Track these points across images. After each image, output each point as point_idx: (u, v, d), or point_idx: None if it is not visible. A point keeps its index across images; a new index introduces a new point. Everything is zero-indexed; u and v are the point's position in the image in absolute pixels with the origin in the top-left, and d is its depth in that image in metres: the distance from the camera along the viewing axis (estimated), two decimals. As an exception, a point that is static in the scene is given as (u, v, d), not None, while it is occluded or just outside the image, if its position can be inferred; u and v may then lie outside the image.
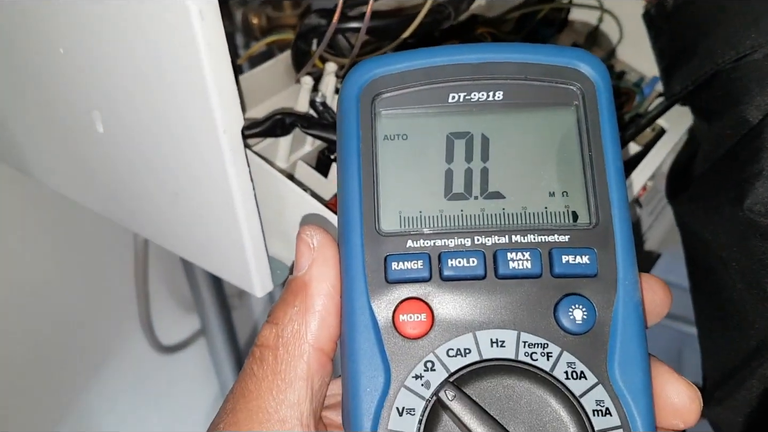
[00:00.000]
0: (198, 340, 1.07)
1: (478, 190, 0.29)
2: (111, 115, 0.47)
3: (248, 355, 0.28)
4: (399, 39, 0.50)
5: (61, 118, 0.52)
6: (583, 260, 0.27)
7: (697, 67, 0.44)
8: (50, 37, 0.46)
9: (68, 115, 0.50)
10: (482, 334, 0.27)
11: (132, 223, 0.54)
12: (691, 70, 0.45)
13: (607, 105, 0.29)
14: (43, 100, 0.52)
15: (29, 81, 0.52)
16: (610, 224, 0.28)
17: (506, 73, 0.30)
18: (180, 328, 1.05)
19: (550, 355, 0.26)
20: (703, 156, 0.46)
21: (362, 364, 0.26)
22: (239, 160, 0.41)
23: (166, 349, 1.00)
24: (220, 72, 0.38)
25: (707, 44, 0.44)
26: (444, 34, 0.55)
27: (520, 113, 0.30)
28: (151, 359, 0.98)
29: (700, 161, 0.47)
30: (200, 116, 0.39)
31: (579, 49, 0.30)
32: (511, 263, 0.27)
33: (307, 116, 0.49)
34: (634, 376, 0.26)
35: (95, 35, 0.42)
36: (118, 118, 0.46)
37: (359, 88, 0.30)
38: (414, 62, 0.30)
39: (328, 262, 0.28)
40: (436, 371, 0.26)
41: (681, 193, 0.48)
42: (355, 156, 0.29)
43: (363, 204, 0.28)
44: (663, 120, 0.51)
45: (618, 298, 0.27)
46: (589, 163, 0.29)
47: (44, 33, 0.46)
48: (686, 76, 0.45)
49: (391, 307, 0.27)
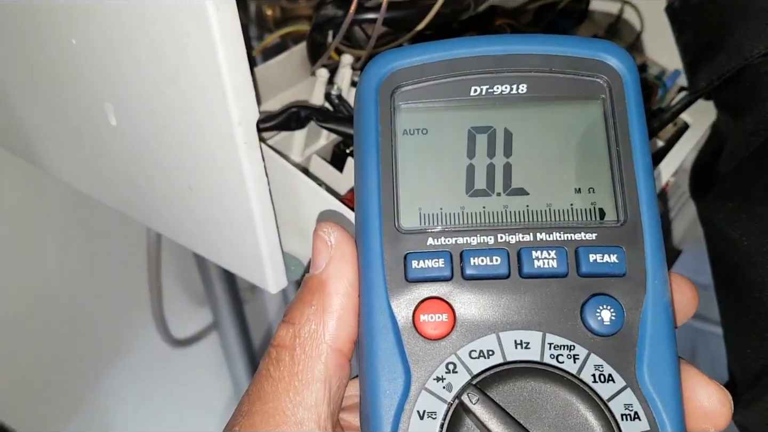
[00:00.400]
0: (210, 333, 1.07)
1: (500, 186, 0.28)
2: (124, 107, 0.46)
3: (264, 355, 0.27)
4: (415, 30, 0.49)
5: (74, 111, 0.51)
6: (610, 259, 0.26)
7: (724, 61, 0.43)
8: (62, 28, 0.45)
9: (81, 107, 0.50)
10: (506, 335, 0.26)
11: (145, 217, 0.54)
12: (717, 65, 0.44)
13: (635, 98, 0.28)
14: (55, 92, 0.51)
15: (41, 73, 0.51)
16: (639, 222, 0.27)
17: (530, 65, 0.29)
18: (192, 321, 1.05)
19: (576, 358, 0.26)
20: (729, 153, 0.45)
21: (381, 366, 0.26)
22: (254, 153, 0.40)
23: (178, 342, 1.00)
24: (236, 64, 0.37)
25: (735, 38, 0.43)
26: (462, 26, 0.53)
27: (545, 107, 0.29)
28: (163, 353, 0.98)
29: (725, 158, 0.46)
30: (215, 109, 0.38)
31: (605, 41, 0.29)
32: (536, 262, 0.26)
33: (323, 109, 0.48)
34: (663, 379, 0.25)
35: (108, 26, 0.42)
36: (131, 110, 0.46)
37: (378, 81, 0.29)
38: (434, 54, 0.29)
39: (346, 260, 0.27)
40: (458, 373, 0.26)
41: (705, 191, 0.47)
42: (374, 151, 0.28)
43: (382, 200, 0.27)
44: (686, 115, 0.50)
45: (647, 299, 0.26)
46: (616, 158, 0.28)
47: (56, 24, 0.46)
48: (712, 71, 0.44)
49: (411, 306, 0.26)
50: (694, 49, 0.47)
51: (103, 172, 0.54)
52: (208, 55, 0.36)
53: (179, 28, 0.37)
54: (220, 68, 0.36)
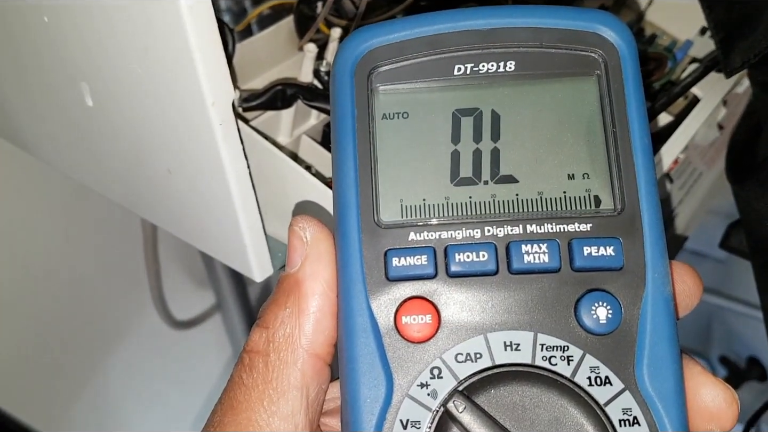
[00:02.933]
0: (213, 315, 1.06)
1: (488, 174, 0.26)
2: (99, 86, 0.44)
3: (237, 361, 0.26)
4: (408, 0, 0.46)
5: (51, 90, 0.49)
6: (607, 251, 0.25)
7: (762, 37, 0.40)
8: (32, 3, 0.43)
9: (56, 87, 0.48)
10: (494, 336, 0.24)
11: (128, 201, 0.52)
12: (754, 42, 0.41)
13: (632, 74, 0.26)
14: (32, 70, 0.50)
15: (18, 50, 0.49)
16: (637, 210, 0.25)
17: (518, 40, 0.26)
18: (195, 303, 1.04)
19: (571, 359, 0.24)
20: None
21: (362, 372, 0.24)
22: (231, 134, 0.38)
23: (181, 324, 0.99)
24: (206, 40, 0.35)
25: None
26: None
27: (535, 85, 0.27)
28: (166, 335, 0.97)
29: (765, 141, 0.43)
30: (186, 88, 0.36)
31: (600, 11, 0.27)
32: (526, 256, 0.25)
33: (310, 87, 0.46)
34: (664, 380, 0.24)
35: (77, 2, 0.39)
36: (105, 90, 0.44)
37: (353, 61, 0.27)
38: (414, 30, 0.26)
39: (322, 258, 0.25)
40: (443, 379, 0.24)
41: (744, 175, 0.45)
42: (350, 138, 0.26)
43: (360, 192, 0.25)
44: (697, 88, 0.48)
45: (646, 294, 0.24)
46: (612, 140, 0.26)
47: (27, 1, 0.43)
48: (748, 48, 0.41)
49: (392, 307, 0.25)
50: (727, 25, 0.44)
51: (85, 154, 0.52)
52: (176, 29, 0.34)
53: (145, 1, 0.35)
54: (189, 44, 0.34)
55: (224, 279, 0.95)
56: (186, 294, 1.01)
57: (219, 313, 1.03)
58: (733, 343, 1.03)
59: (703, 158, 0.55)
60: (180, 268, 1.00)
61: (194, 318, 1.03)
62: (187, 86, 0.36)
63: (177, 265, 0.98)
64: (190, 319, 1.02)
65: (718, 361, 1.03)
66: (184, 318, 1.00)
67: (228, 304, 0.98)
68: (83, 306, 0.87)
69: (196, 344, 1.04)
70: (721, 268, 0.95)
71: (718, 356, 1.03)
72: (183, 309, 0.99)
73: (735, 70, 0.43)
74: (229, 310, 0.99)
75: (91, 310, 0.89)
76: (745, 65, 0.42)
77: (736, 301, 0.97)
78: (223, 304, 0.99)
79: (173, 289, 0.95)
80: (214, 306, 1.04)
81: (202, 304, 1.04)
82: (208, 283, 0.99)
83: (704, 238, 0.79)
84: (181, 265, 1.00)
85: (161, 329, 0.96)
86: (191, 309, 1.02)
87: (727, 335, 1.00)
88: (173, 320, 0.96)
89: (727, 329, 0.99)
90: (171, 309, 0.95)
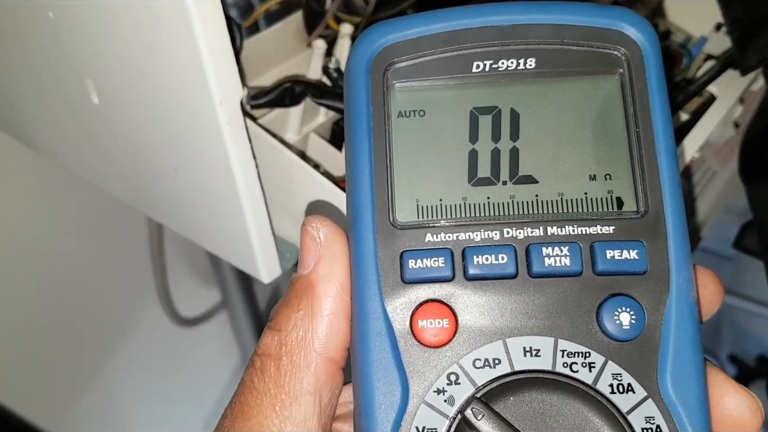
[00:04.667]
0: (219, 312, 1.05)
1: (506, 174, 0.25)
2: (105, 84, 0.44)
3: (248, 364, 0.25)
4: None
5: (56, 88, 0.49)
6: (630, 255, 0.24)
7: None
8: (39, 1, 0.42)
9: (62, 84, 0.48)
10: (514, 341, 0.23)
11: (135, 200, 0.51)
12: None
13: (656, 72, 0.25)
14: (35, 68, 0.49)
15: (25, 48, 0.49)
16: (661, 212, 0.24)
17: (539, 36, 0.26)
18: (201, 300, 1.03)
19: (592, 366, 0.23)
20: None
21: (376, 377, 0.23)
22: (239, 134, 0.37)
23: (187, 322, 0.98)
24: (215, 37, 0.34)
25: None
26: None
27: (556, 83, 0.26)
28: (172, 333, 0.97)
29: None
30: (194, 86, 0.36)
31: (623, 8, 0.26)
32: (547, 259, 0.24)
33: (319, 84, 0.45)
34: (688, 387, 0.23)
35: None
36: (112, 87, 0.43)
37: (369, 58, 0.26)
38: (431, 26, 0.26)
39: (336, 259, 0.25)
40: (460, 385, 0.23)
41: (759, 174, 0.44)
42: (365, 136, 0.25)
43: (375, 192, 0.25)
44: (713, 85, 0.47)
45: (670, 298, 0.24)
46: (635, 140, 0.25)
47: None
48: (766, 46, 0.40)
49: (408, 311, 0.24)
50: (744, 23, 0.43)
51: (92, 152, 0.52)
52: (183, 26, 0.33)
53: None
54: (197, 42, 0.34)
55: (230, 276, 0.94)
56: (192, 291, 1.00)
57: (225, 310, 1.03)
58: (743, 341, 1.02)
59: (717, 156, 0.54)
60: (186, 265, 0.99)
61: (200, 315, 1.02)
62: (194, 84, 0.36)
63: (183, 262, 0.98)
64: (196, 316, 1.01)
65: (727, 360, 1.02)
66: (190, 315, 0.99)
67: (234, 301, 0.98)
68: (88, 302, 0.87)
69: (202, 342, 1.03)
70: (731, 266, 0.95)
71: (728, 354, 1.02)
72: (189, 306, 0.98)
73: (751, 67, 0.43)
74: (235, 307, 0.98)
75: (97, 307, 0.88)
76: (761, 63, 0.42)
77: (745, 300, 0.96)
78: (230, 301, 0.98)
79: (179, 286, 0.94)
80: (220, 303, 1.04)
81: (209, 301, 1.03)
82: (214, 279, 0.98)
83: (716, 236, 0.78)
84: (187, 261, 0.99)
85: (167, 326, 0.95)
86: (197, 306, 1.01)
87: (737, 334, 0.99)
88: (179, 317, 0.96)
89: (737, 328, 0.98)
90: (177, 306, 0.95)
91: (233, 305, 0.98)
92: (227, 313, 1.02)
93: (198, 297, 1.02)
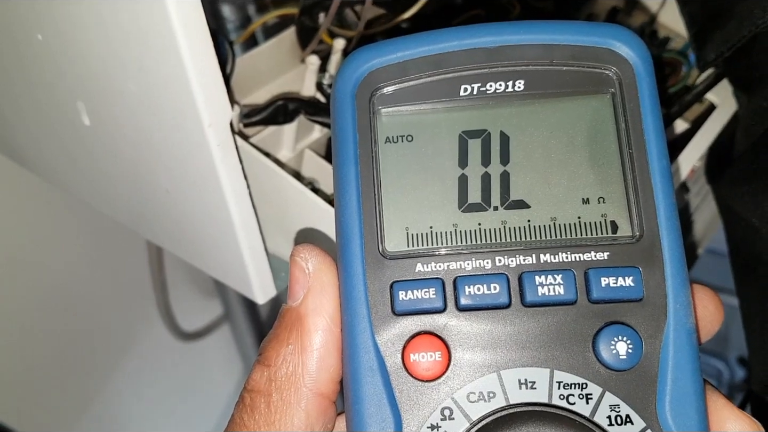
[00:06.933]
0: (222, 326, 1.04)
1: (497, 199, 0.25)
2: (95, 105, 0.43)
3: (237, 401, 0.24)
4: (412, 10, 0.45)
5: (47, 110, 0.48)
6: (625, 282, 0.23)
7: (734, 30, 0.39)
8: (27, 22, 0.42)
9: (53, 106, 0.47)
10: (508, 373, 0.23)
11: (128, 220, 0.51)
12: (727, 35, 0.40)
13: (649, 91, 0.25)
14: (27, 90, 0.49)
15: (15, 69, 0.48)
16: (657, 236, 0.24)
17: (528, 57, 0.25)
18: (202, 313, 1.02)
19: (589, 397, 0.23)
20: (743, 132, 0.41)
21: (368, 414, 0.23)
22: (229, 155, 0.37)
23: (189, 336, 0.97)
24: (202, 59, 0.33)
25: (745, 5, 0.39)
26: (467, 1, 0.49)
27: (546, 105, 0.25)
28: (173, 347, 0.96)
29: (740, 137, 0.42)
30: (183, 109, 0.35)
31: (614, 25, 0.26)
32: (540, 288, 0.23)
33: (312, 101, 0.45)
34: (687, 417, 0.23)
35: (71, 20, 0.39)
36: (102, 109, 0.43)
37: (354, 83, 0.25)
38: (417, 49, 0.25)
39: (325, 291, 0.24)
40: (455, 420, 0.23)
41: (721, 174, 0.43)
42: (352, 163, 0.25)
43: (363, 221, 0.24)
44: (713, 94, 0.46)
45: (668, 326, 0.23)
46: (629, 162, 0.25)
47: (21, 18, 0.43)
48: (722, 41, 0.40)
49: (399, 344, 0.23)
50: (701, 18, 0.43)
51: (85, 174, 0.51)
52: (170, 49, 0.33)
53: (140, 21, 0.34)
54: (184, 65, 0.33)
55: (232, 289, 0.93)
56: (193, 304, 1.00)
57: (227, 323, 1.02)
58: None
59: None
60: (187, 279, 0.99)
61: (202, 329, 1.01)
62: (183, 107, 0.35)
63: (184, 276, 0.97)
64: (197, 330, 1.00)
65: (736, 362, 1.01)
66: (192, 329, 0.99)
67: (236, 315, 0.97)
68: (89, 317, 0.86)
69: (203, 355, 1.02)
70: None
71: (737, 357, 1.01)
72: (190, 320, 0.97)
73: (708, 63, 0.42)
74: (237, 320, 0.98)
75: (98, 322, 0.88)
76: (719, 59, 0.41)
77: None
78: (231, 314, 0.98)
79: (180, 300, 0.94)
80: (221, 316, 1.03)
81: (210, 314, 1.03)
82: (215, 293, 0.98)
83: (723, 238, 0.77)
84: (188, 275, 0.99)
85: (169, 341, 0.95)
86: (199, 320, 1.01)
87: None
88: (181, 331, 0.95)
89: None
90: (178, 320, 0.94)
91: (235, 318, 0.97)
92: (229, 327, 1.01)
93: (199, 311, 1.01)
